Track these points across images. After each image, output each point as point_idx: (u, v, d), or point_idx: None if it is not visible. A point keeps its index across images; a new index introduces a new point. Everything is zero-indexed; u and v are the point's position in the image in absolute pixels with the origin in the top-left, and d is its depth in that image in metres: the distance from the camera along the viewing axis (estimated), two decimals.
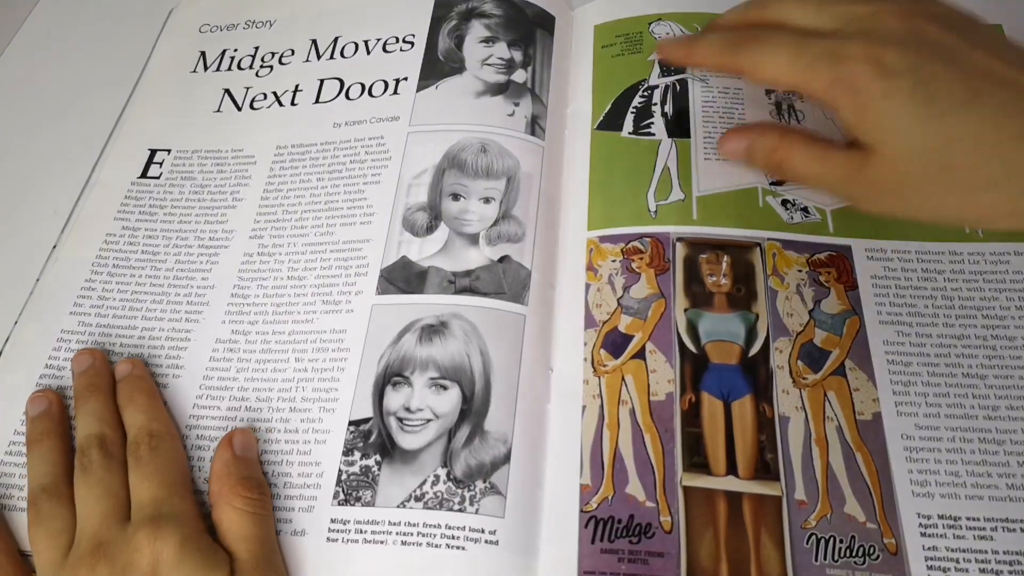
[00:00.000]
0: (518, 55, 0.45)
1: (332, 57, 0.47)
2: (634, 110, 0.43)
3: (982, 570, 0.30)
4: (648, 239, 0.38)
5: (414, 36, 0.47)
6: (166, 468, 0.32)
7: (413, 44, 0.46)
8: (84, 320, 0.38)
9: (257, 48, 0.49)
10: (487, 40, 0.45)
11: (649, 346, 0.36)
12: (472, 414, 0.34)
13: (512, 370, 0.35)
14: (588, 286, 0.38)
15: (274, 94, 0.46)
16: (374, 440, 0.33)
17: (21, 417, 0.35)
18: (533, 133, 0.42)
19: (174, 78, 0.48)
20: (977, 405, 0.33)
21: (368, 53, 0.47)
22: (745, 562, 0.31)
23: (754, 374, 0.35)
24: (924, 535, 0.31)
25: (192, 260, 0.40)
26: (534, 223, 0.39)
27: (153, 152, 0.45)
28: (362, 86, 0.45)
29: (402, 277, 0.37)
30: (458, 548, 0.31)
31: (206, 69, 0.48)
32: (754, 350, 0.35)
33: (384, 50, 0.47)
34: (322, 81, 0.46)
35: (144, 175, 0.44)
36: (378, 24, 0.48)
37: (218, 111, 0.46)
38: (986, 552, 0.30)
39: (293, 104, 0.46)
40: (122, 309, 0.39)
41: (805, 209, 0.39)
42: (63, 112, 0.48)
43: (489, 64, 0.45)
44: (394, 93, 0.44)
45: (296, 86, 0.46)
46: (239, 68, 0.48)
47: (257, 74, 0.47)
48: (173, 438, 0.34)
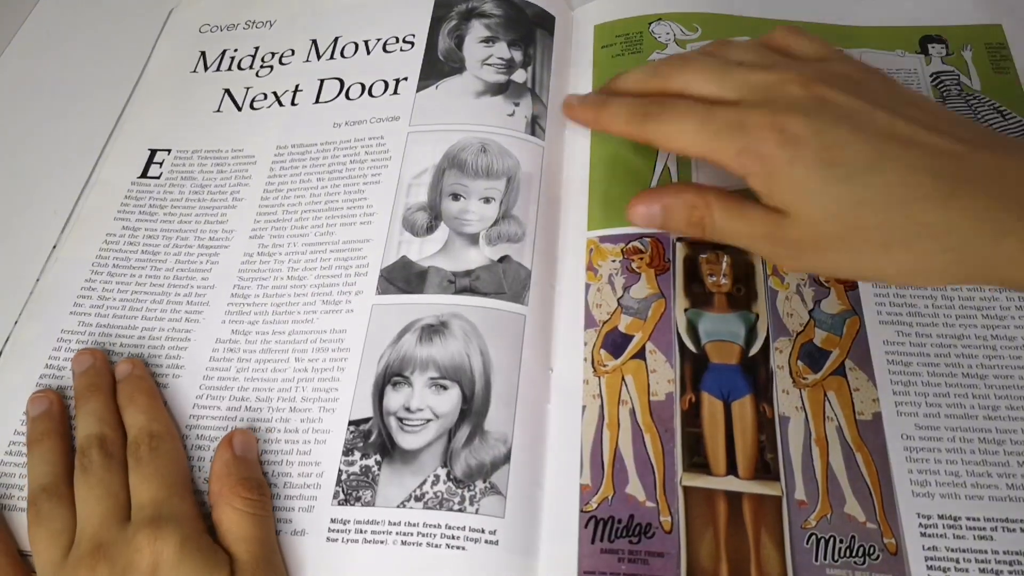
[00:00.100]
0: (518, 55, 0.45)
1: (332, 57, 0.47)
2: None
3: (982, 570, 0.30)
4: (648, 239, 0.38)
5: (414, 36, 0.47)
6: (166, 469, 0.32)
7: (413, 44, 0.46)
8: (84, 320, 0.38)
9: (257, 48, 0.49)
10: (487, 40, 0.45)
11: (649, 346, 0.36)
12: (472, 414, 0.34)
13: (512, 370, 0.35)
14: (588, 286, 0.38)
15: (274, 94, 0.46)
16: (374, 440, 0.33)
17: (21, 417, 0.35)
18: (533, 133, 0.42)
19: (174, 78, 0.48)
20: (977, 405, 0.33)
21: (368, 53, 0.47)
22: (745, 562, 0.31)
23: (754, 374, 0.35)
24: (924, 535, 0.31)
25: (192, 260, 0.40)
26: (534, 223, 0.39)
27: (153, 152, 0.45)
28: (362, 86, 0.45)
29: (402, 277, 0.37)
30: (458, 548, 0.31)
31: (206, 69, 0.48)
32: (754, 350, 0.35)
33: (384, 50, 0.47)
34: (322, 81, 0.46)
35: (144, 175, 0.44)
36: (378, 24, 0.48)
37: (218, 111, 0.46)
38: (986, 552, 0.30)
39: (293, 104, 0.46)
40: (122, 309, 0.39)
41: None
42: (63, 112, 0.47)
43: (489, 64, 0.45)
44: (394, 93, 0.44)
45: (296, 86, 0.46)
46: (239, 68, 0.48)
47: (257, 74, 0.47)
48: (173, 438, 0.34)
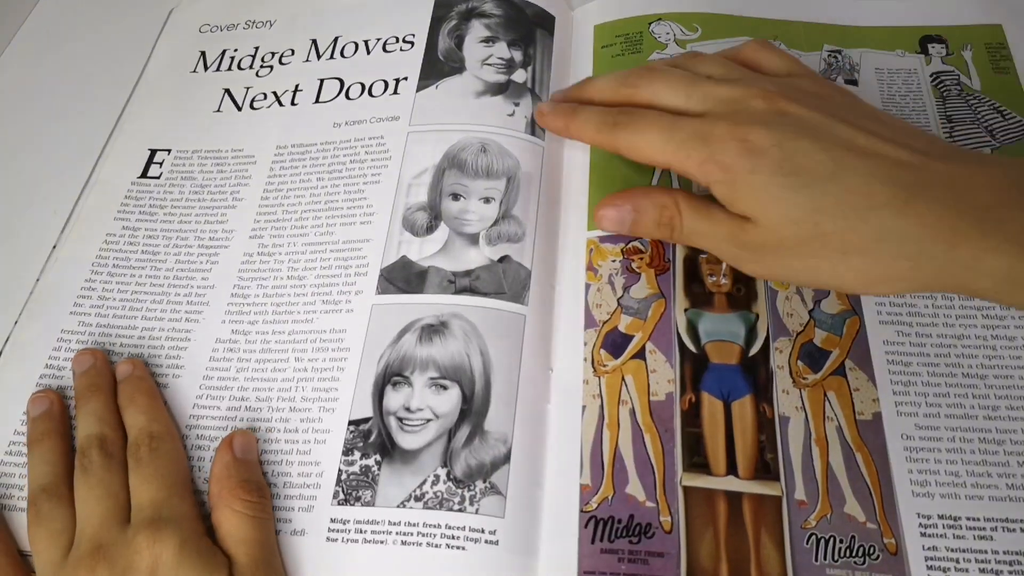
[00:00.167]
0: (518, 55, 0.45)
1: (332, 57, 0.47)
2: None
3: (982, 570, 0.30)
4: (648, 239, 0.38)
5: (414, 36, 0.47)
6: (166, 470, 0.32)
7: (413, 44, 0.46)
8: (84, 320, 0.38)
9: (257, 48, 0.49)
10: (487, 40, 0.45)
11: (649, 346, 0.36)
12: (472, 414, 0.34)
13: (512, 370, 0.35)
14: (588, 286, 0.38)
15: (274, 94, 0.46)
16: (374, 440, 0.33)
17: (21, 417, 0.35)
18: (533, 133, 0.42)
19: (174, 78, 0.48)
20: (977, 405, 0.33)
21: (368, 53, 0.47)
22: (745, 562, 0.31)
23: (754, 374, 0.35)
24: (924, 535, 0.31)
25: (192, 260, 0.40)
26: (534, 223, 0.39)
27: (153, 152, 0.45)
28: (362, 86, 0.45)
29: (402, 277, 0.37)
30: (458, 548, 0.31)
31: (206, 69, 0.48)
32: (754, 350, 0.35)
33: (384, 50, 0.47)
34: (322, 81, 0.46)
35: (144, 175, 0.44)
36: (378, 24, 0.48)
37: (218, 111, 0.46)
38: (986, 552, 0.30)
39: (293, 104, 0.46)
40: (122, 309, 0.39)
41: None
42: (63, 112, 0.47)
43: (489, 64, 0.45)
44: (394, 93, 0.44)
45: (296, 86, 0.46)
46: (239, 68, 0.48)
47: (257, 74, 0.47)
48: (173, 439, 0.34)
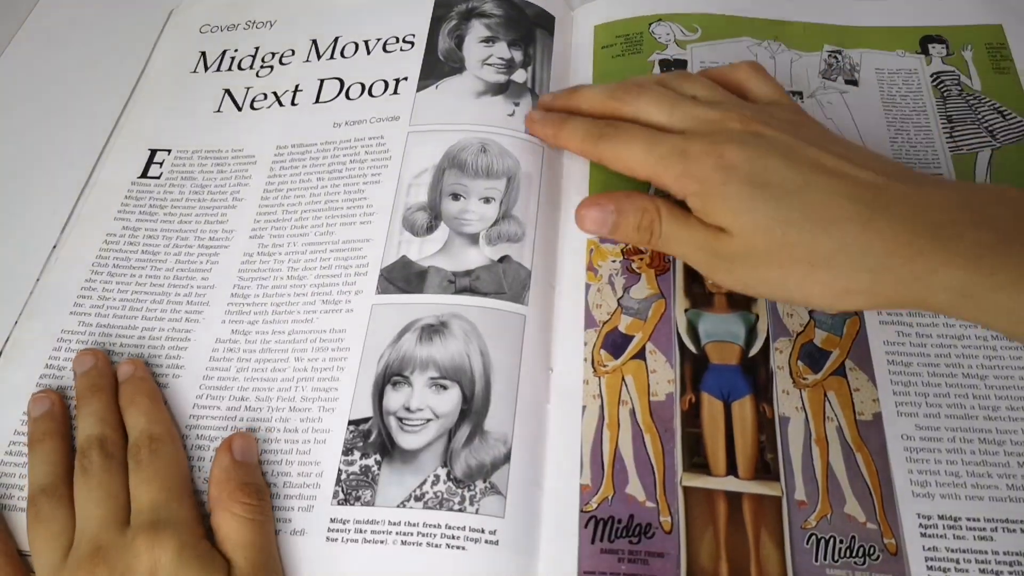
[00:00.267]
0: (518, 55, 0.45)
1: (332, 57, 0.47)
2: None
3: (982, 570, 0.30)
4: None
5: (414, 36, 0.47)
6: (166, 472, 0.32)
7: (413, 44, 0.46)
8: (84, 320, 0.38)
9: (257, 48, 0.49)
10: (487, 40, 0.45)
11: (649, 346, 0.36)
12: (472, 414, 0.34)
13: (512, 370, 0.35)
14: (588, 286, 0.38)
15: (274, 94, 0.46)
16: (374, 440, 0.33)
17: (21, 417, 0.35)
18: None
19: (174, 78, 0.48)
20: (977, 405, 0.33)
21: (368, 53, 0.47)
22: (745, 562, 0.31)
23: (754, 374, 0.35)
24: (924, 535, 0.31)
25: (192, 260, 0.40)
26: (534, 223, 0.39)
27: (153, 152, 0.45)
28: (362, 86, 0.45)
29: (402, 277, 0.37)
30: (458, 548, 0.31)
31: (206, 69, 0.48)
32: (754, 350, 0.35)
33: (384, 50, 0.47)
34: (322, 81, 0.46)
35: (144, 175, 0.44)
36: (378, 24, 0.48)
37: (218, 111, 0.46)
38: (986, 552, 0.30)
39: (293, 104, 0.46)
40: (122, 309, 0.39)
41: None
42: (63, 112, 0.47)
43: (489, 64, 0.45)
44: (394, 93, 0.44)
45: (296, 86, 0.46)
46: (239, 68, 0.48)
47: (257, 74, 0.47)
48: (174, 441, 0.34)
